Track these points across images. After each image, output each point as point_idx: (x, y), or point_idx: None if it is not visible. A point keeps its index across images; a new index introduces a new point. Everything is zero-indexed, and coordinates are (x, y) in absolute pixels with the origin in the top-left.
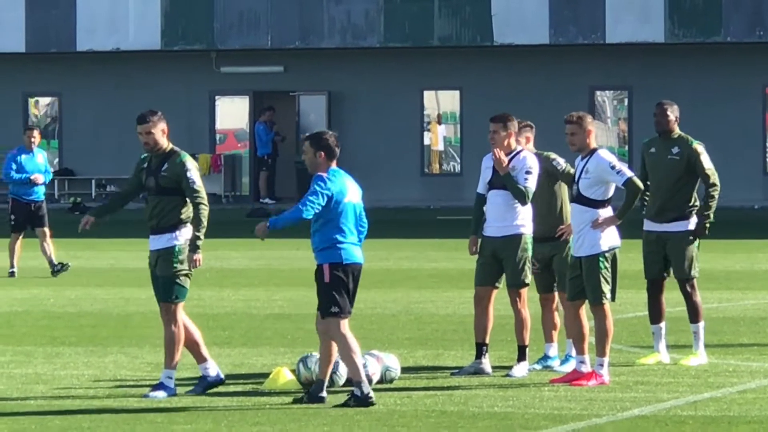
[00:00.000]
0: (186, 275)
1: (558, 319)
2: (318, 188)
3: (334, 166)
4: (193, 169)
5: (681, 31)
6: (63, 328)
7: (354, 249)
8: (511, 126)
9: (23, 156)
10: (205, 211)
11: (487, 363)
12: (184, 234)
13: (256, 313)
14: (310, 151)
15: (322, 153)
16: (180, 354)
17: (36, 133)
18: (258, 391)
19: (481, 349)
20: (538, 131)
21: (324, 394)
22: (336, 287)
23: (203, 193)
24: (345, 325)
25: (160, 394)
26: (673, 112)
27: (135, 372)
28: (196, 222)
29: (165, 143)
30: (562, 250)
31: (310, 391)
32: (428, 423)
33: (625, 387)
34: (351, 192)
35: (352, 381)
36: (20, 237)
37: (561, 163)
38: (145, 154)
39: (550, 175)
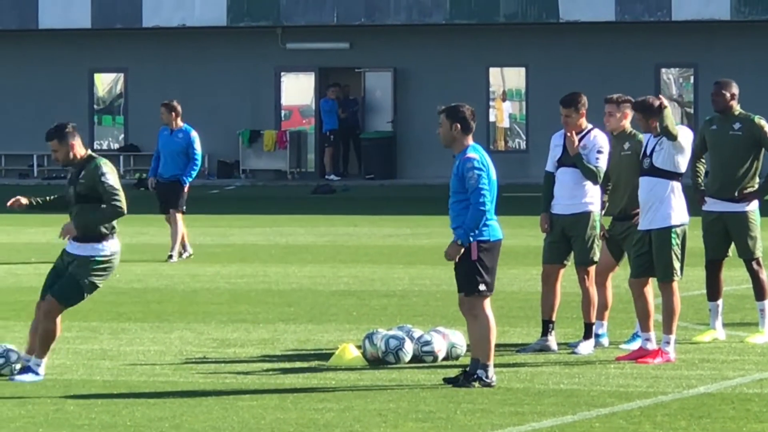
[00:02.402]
0: None
1: (610, 297)
2: (480, 172)
3: (470, 140)
4: (110, 173)
5: (747, 8)
6: (129, 303)
7: (498, 225)
8: (582, 107)
9: (165, 133)
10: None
11: (552, 340)
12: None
13: (321, 289)
14: (446, 124)
15: (458, 125)
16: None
17: (163, 108)
18: (324, 367)
19: (547, 326)
20: (602, 109)
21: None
22: (483, 265)
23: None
24: (489, 303)
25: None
26: (729, 90)
27: (200, 348)
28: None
29: (78, 154)
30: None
31: (468, 372)
32: (494, 400)
33: (690, 365)
34: (492, 168)
35: (479, 362)
36: (169, 217)
37: None
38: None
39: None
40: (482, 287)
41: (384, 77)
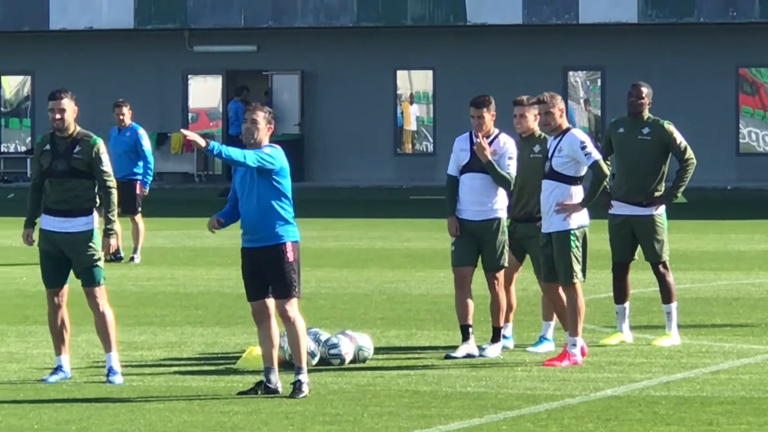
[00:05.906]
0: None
1: (515, 299)
2: (273, 155)
3: None
4: (106, 154)
5: (654, 12)
6: (35, 306)
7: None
8: (492, 108)
9: (113, 134)
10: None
11: (473, 344)
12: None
13: (229, 292)
14: (263, 122)
15: (272, 126)
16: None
17: (125, 109)
18: (231, 370)
19: (466, 330)
20: (510, 112)
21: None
22: (299, 266)
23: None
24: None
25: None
26: (648, 95)
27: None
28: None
29: (73, 125)
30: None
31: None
32: (401, 403)
33: (598, 367)
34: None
35: (301, 367)
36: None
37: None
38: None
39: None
40: (299, 288)
41: (291, 80)
